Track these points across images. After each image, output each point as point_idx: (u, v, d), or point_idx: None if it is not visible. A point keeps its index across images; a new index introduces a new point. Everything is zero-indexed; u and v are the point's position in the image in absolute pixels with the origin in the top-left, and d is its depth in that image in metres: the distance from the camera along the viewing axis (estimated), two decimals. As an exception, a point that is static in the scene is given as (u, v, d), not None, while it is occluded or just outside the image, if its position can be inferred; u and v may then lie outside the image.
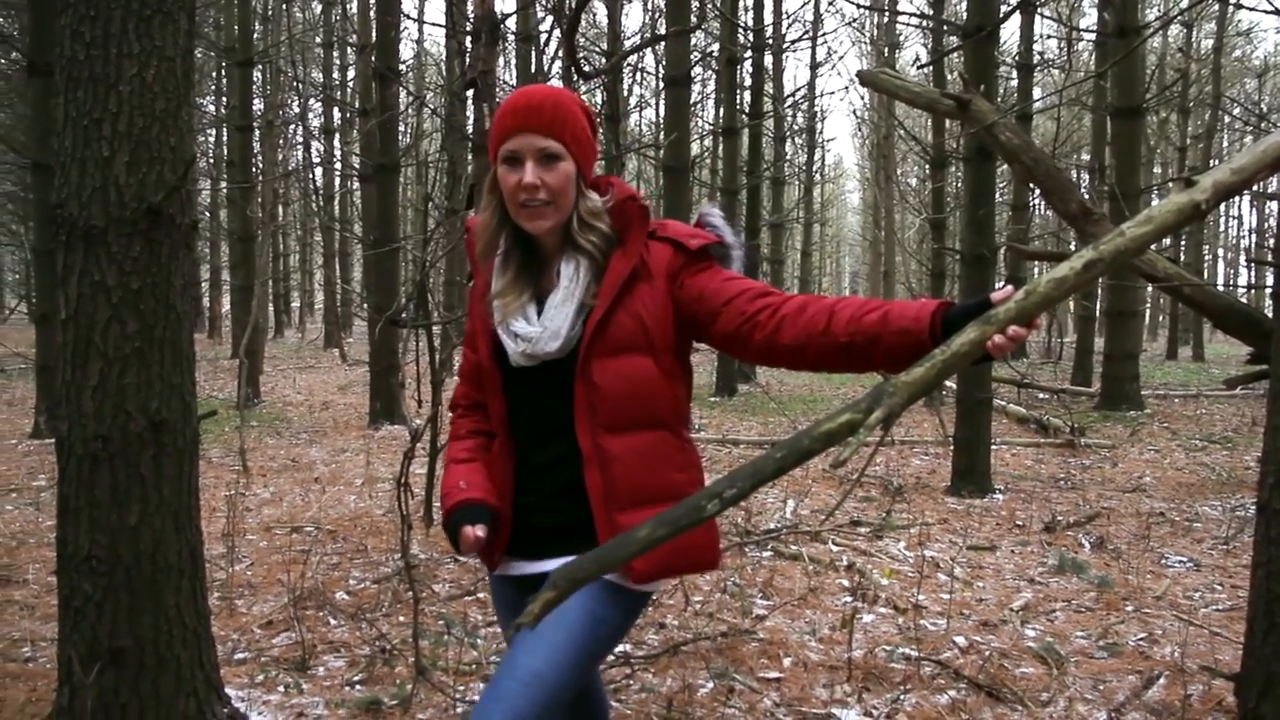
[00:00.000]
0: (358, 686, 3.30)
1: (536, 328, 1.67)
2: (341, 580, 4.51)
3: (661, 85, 16.91)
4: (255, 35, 14.84)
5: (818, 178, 29.53)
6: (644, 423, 1.68)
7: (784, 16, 18.46)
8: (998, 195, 10.01)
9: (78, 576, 2.52)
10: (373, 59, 11.14)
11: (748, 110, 15.98)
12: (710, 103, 24.55)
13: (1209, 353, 23.50)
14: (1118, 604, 4.22)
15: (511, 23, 12.03)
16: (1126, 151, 11.13)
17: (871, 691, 3.26)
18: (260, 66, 15.54)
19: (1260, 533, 2.31)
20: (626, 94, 18.77)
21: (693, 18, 11.27)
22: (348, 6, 20.85)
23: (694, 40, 14.90)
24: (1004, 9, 7.06)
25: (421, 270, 5.01)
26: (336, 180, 25.80)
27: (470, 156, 5.04)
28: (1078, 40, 18.38)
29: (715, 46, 17.48)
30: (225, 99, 18.71)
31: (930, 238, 15.25)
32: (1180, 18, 17.96)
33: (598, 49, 16.33)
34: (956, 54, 10.09)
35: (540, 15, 10.08)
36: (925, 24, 14.88)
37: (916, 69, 14.31)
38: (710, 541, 1.73)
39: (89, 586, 2.51)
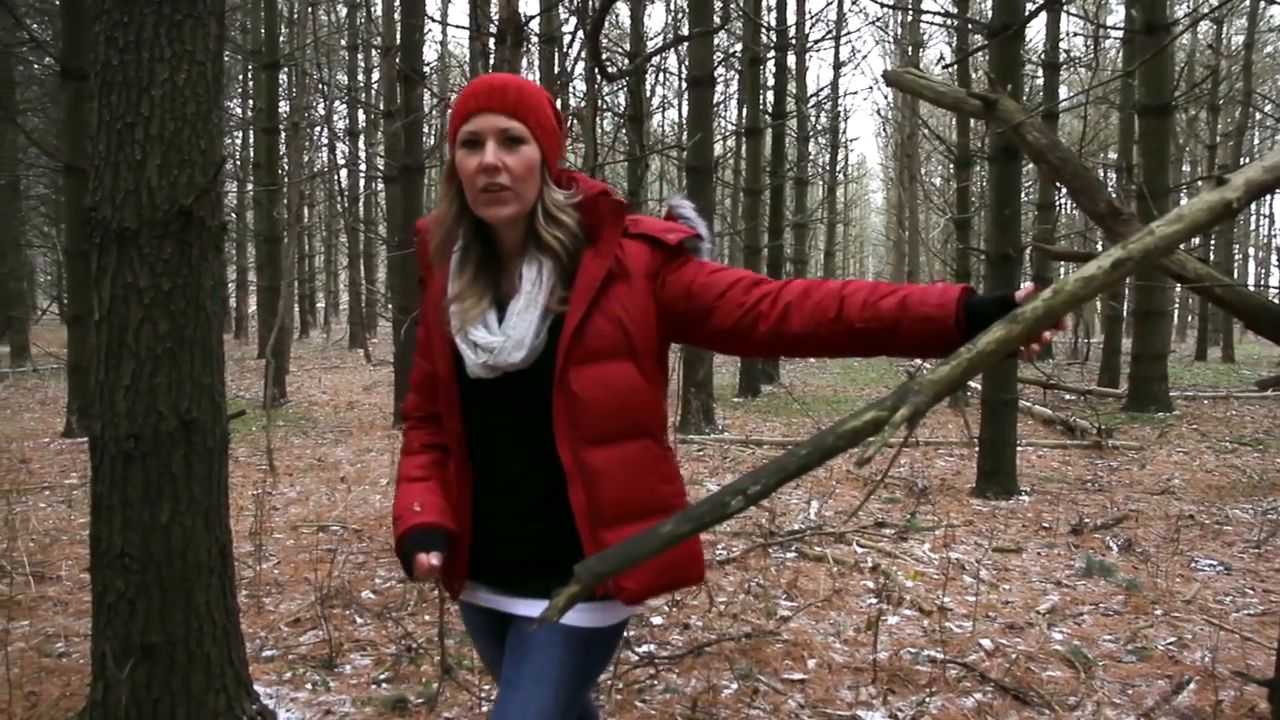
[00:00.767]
0: (384, 685, 3.33)
1: (498, 337, 1.53)
2: (367, 579, 4.54)
3: (684, 85, 16.90)
4: (281, 38, 14.98)
5: (841, 178, 29.44)
6: (627, 433, 1.56)
7: (807, 16, 18.42)
8: (1023, 194, 9.92)
9: (111, 573, 2.56)
10: (397, 61, 11.21)
11: (771, 110, 15.93)
12: (733, 103, 24.52)
13: (1239, 353, 23.18)
14: (1146, 607, 4.17)
15: (534, 24, 12.07)
16: (1155, 150, 11.01)
17: (897, 694, 3.25)
18: (286, 69, 15.69)
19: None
20: (649, 94, 18.78)
21: (716, 18, 11.26)
22: (372, 9, 21.00)
23: (717, 40, 14.87)
24: (1030, 7, 7.00)
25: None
26: (361, 182, 25.98)
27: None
28: (1104, 38, 18.20)
29: (738, 46, 17.46)
30: (251, 101, 18.90)
31: (955, 237, 15.15)
32: (1210, 14, 17.72)
33: (620, 49, 16.36)
34: (981, 53, 10.02)
35: (564, 16, 10.12)
36: (950, 22, 14.78)
37: (941, 68, 14.20)
38: (696, 555, 1.63)
39: (122, 583, 2.55)
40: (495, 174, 1.50)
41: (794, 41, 17.37)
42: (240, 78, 23.23)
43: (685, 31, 14.29)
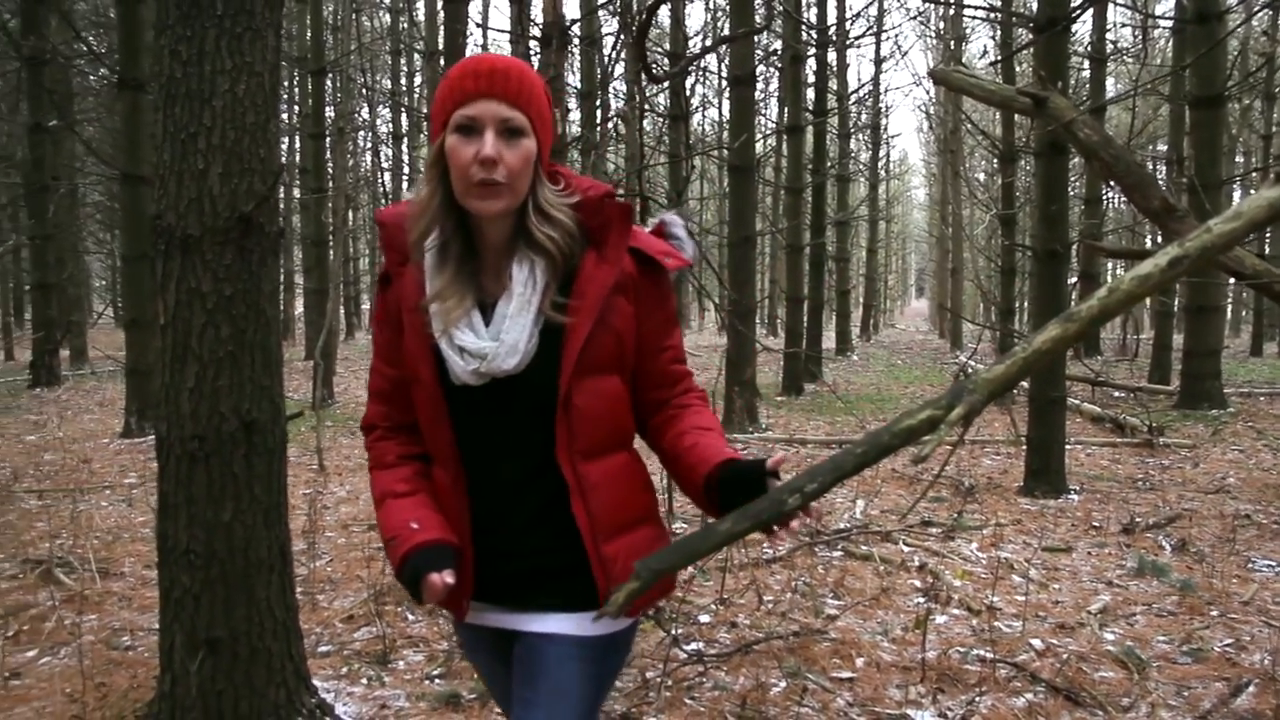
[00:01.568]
0: (437, 680, 3.39)
1: (489, 342, 1.43)
2: (418, 576, 4.61)
3: (724, 84, 16.87)
4: (326, 45, 15.22)
5: (883, 174, 29.20)
6: (614, 445, 1.52)
7: (848, 12, 18.30)
8: (1070, 189, 9.77)
9: (177, 569, 2.65)
10: (440, 65, 11.35)
11: (812, 107, 15.86)
12: (774, 100, 24.45)
13: (1297, 349, 22.59)
14: (1201, 608, 4.11)
15: (576, 27, 12.14)
16: (1207, 142, 10.77)
17: (946, 693, 3.24)
18: (331, 75, 15.94)
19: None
20: (690, 93, 18.77)
21: (757, 16, 11.24)
22: (415, 14, 21.27)
23: (757, 38, 14.84)
24: (1077, 0, 6.89)
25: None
26: (404, 184, 26.31)
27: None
28: (1153, 28, 17.84)
29: (779, 44, 17.40)
30: (297, 107, 19.24)
31: (1000, 234, 14.96)
32: (1269, 2, 17.27)
33: (660, 49, 16.38)
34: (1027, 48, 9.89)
35: (606, 17, 10.17)
36: (993, 16, 14.60)
37: (985, 64, 14.04)
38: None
39: (188, 579, 2.63)
40: (493, 168, 1.38)
41: (835, 38, 17.27)
42: (287, 84, 23.67)
43: (725, 29, 14.27)
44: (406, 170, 25.49)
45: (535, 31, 4.76)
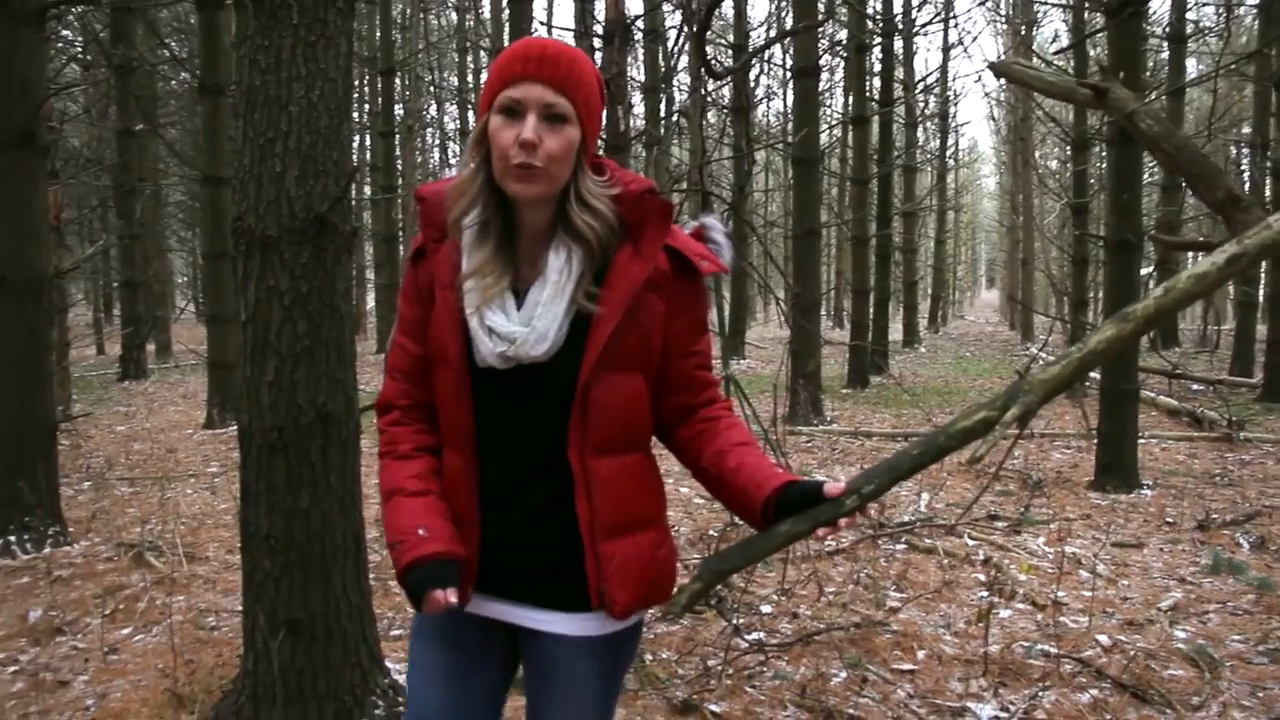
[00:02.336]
0: (503, 664, 3.48)
1: (520, 327, 1.41)
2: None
3: (789, 75, 16.75)
4: (395, 44, 15.52)
5: (951, 163, 28.67)
6: (628, 444, 1.49)
7: (915, 0, 18.01)
8: (1145, 176, 9.50)
9: (259, 554, 2.79)
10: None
11: (878, 98, 15.66)
12: (839, 91, 24.17)
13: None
14: (1279, 608, 4.00)
15: (639, 22, 12.19)
16: (1293, 125, 10.37)
17: (1008, 687, 3.23)
18: (400, 74, 16.26)
19: None
20: (753, 85, 18.68)
21: (820, 7, 11.15)
22: (481, 12, 21.54)
23: (821, 29, 14.70)
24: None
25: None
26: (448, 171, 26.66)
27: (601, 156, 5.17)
28: (1238, 4, 17.16)
29: (843, 34, 17.20)
30: (367, 106, 19.70)
31: (1071, 223, 14.58)
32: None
33: (724, 41, 16.33)
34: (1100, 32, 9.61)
35: (669, 11, 10.19)
36: (1065, 1, 14.22)
37: (1055, 50, 13.68)
38: (673, 574, 1.58)
39: (268, 563, 2.77)
40: (532, 152, 1.37)
41: (900, 26, 17.01)
42: (357, 84, 24.18)
43: (789, 19, 14.17)
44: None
45: (598, 29, 4.83)
